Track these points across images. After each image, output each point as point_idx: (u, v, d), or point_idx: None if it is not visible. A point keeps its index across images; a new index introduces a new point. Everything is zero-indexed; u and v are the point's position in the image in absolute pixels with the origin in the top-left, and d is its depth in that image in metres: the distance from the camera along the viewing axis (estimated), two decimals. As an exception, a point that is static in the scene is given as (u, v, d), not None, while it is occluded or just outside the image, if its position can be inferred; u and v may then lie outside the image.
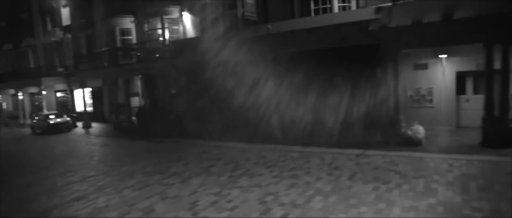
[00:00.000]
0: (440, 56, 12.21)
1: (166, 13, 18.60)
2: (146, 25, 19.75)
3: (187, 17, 18.44)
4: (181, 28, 18.73)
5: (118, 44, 20.99)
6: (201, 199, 6.81)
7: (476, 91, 12.72)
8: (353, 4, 13.40)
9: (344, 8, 13.41)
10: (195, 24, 18.10)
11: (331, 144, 11.01)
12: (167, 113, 16.95)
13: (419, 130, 10.57)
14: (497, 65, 9.49)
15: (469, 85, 12.94)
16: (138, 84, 20.99)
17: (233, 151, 11.37)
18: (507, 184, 6.49)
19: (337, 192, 6.66)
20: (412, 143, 10.21)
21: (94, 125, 22.70)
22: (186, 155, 11.37)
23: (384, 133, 10.83)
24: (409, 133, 10.42)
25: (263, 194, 6.84)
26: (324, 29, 11.52)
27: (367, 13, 11.12)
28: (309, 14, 13.75)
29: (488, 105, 9.71)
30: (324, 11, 13.47)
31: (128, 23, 21.09)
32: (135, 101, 20.65)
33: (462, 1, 9.51)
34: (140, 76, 19.93)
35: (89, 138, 18.20)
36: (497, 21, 9.00)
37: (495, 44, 9.35)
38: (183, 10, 18.50)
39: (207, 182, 7.97)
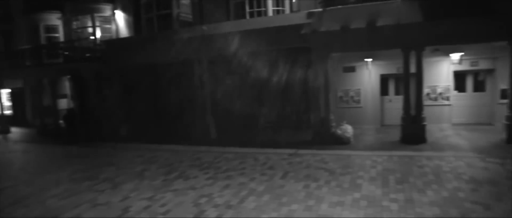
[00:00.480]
0: (366, 59, 13.16)
1: (97, 10, 17.61)
2: (75, 23, 18.47)
3: (120, 16, 17.66)
4: (113, 27, 17.88)
5: (43, 42, 19.39)
6: (134, 204, 6.60)
7: (397, 92, 13.90)
8: (287, 9, 13.90)
9: (278, 12, 13.83)
10: (128, 24, 17.40)
11: (266, 144, 11.28)
12: (98, 116, 16.08)
13: (348, 129, 11.29)
14: (413, 69, 10.50)
15: (391, 87, 14.11)
16: (66, 85, 19.59)
17: (168, 153, 11.14)
18: (418, 176, 7.26)
19: (270, 191, 6.86)
20: (341, 142, 10.84)
21: (13, 129, 20.64)
22: (119, 159, 10.88)
23: (316, 132, 11.39)
24: (339, 132, 11.07)
25: (197, 196, 6.82)
26: (259, 32, 11.80)
27: (300, 18, 11.65)
28: (244, 16, 13.96)
29: (406, 105, 10.70)
30: (259, 14, 13.78)
31: (55, 19, 19.57)
32: (63, 103, 19.22)
33: (383, 10, 10.39)
34: (68, 77, 18.64)
35: (7, 144, 16.55)
36: (412, 30, 9.99)
37: (411, 50, 10.35)
38: (115, 9, 17.69)
39: (140, 186, 7.73)
